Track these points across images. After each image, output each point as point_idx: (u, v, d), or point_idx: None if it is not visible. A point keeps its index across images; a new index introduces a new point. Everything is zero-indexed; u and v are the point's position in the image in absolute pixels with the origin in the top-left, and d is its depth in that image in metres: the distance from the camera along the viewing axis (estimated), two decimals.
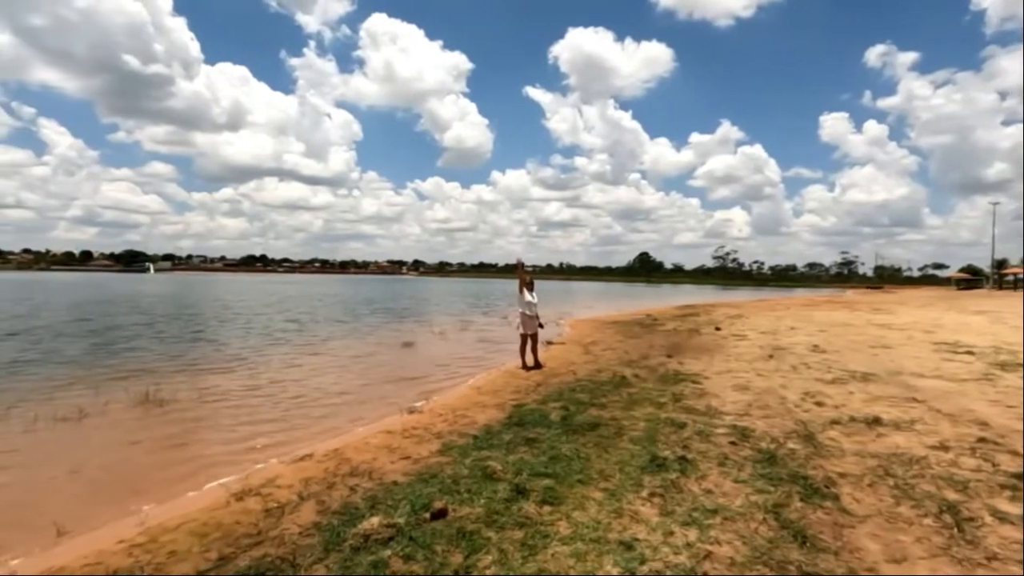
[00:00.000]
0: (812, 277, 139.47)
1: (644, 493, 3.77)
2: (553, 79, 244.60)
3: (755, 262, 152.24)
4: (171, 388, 7.78)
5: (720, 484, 3.94)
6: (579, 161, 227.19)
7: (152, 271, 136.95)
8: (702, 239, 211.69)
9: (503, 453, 4.69)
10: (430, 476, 4.20)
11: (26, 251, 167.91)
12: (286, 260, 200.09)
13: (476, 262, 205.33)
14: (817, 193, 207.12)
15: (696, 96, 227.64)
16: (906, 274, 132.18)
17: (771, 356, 10.44)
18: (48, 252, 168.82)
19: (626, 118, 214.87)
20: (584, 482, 4.01)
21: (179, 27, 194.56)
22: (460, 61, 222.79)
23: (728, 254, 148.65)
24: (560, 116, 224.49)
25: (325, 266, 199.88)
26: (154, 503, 4.04)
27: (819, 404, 6.49)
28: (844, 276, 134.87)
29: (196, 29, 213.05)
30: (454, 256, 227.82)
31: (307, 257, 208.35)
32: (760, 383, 7.80)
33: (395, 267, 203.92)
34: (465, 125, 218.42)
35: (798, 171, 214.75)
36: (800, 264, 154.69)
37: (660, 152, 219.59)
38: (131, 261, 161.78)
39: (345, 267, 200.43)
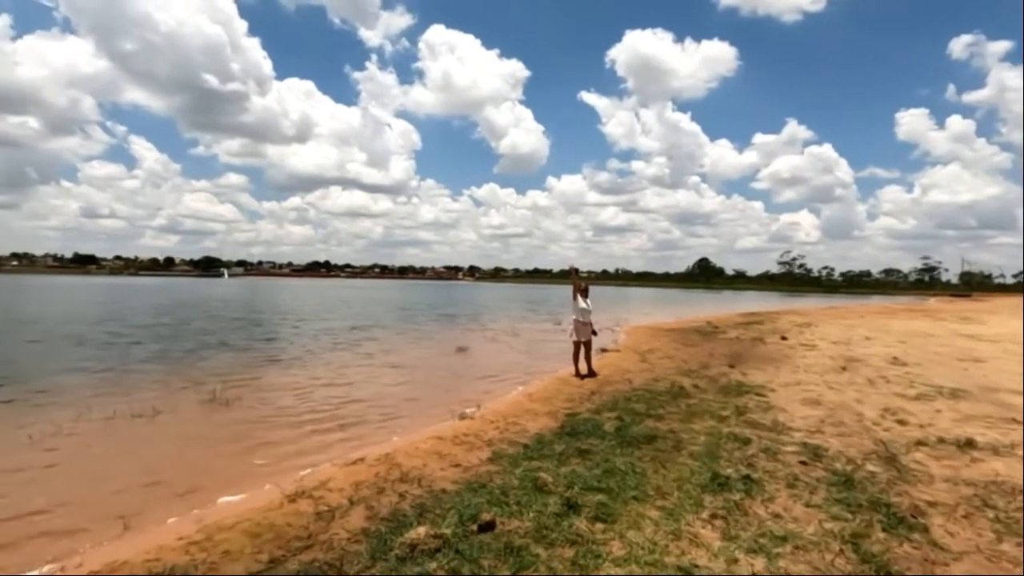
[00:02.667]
0: (888, 284, 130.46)
1: (705, 514, 3.52)
2: (609, 83, 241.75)
3: (824, 268, 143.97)
4: (238, 389, 8.11)
5: (790, 508, 3.64)
6: (636, 165, 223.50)
7: (227, 276, 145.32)
8: (766, 244, 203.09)
9: (554, 464, 4.55)
10: (479, 485, 4.11)
11: (117, 258, 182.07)
12: (348, 265, 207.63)
13: (531, 268, 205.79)
14: (894, 194, 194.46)
15: (760, 95, 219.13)
16: (997, 281, 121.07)
17: (844, 368, 9.75)
18: (136, 258, 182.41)
19: (685, 120, 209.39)
20: (639, 499, 3.80)
21: (253, 47, 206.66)
22: (516, 69, 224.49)
23: (795, 259, 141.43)
24: (616, 120, 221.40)
25: (384, 271, 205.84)
26: (213, 501, 4.16)
27: (901, 423, 5.95)
28: (925, 283, 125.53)
29: (268, 48, 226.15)
30: (509, 262, 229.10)
31: (368, 263, 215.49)
32: (833, 397, 7.27)
33: (451, 272, 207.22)
34: (521, 132, 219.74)
35: (873, 171, 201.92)
36: (875, 270, 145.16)
37: (721, 154, 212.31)
38: (208, 267, 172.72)
39: (403, 272, 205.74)
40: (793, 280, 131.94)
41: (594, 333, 9.46)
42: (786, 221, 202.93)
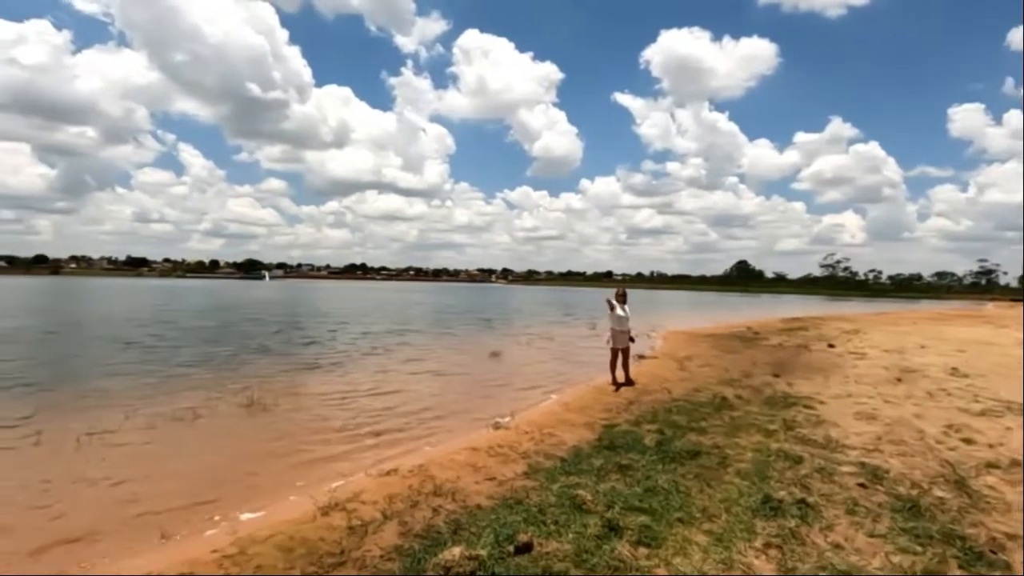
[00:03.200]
0: (941, 288, 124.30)
1: (758, 543, 3.29)
2: (644, 84, 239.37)
3: (871, 271, 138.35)
4: (275, 394, 8.15)
5: (851, 538, 3.36)
6: (671, 166, 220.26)
7: (268, 278, 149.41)
8: (808, 246, 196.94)
9: (593, 480, 4.36)
10: (515, 502, 3.97)
11: (167, 260, 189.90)
12: (383, 268, 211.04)
13: (564, 270, 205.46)
14: (947, 194, 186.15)
15: (802, 93, 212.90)
16: None
17: (899, 379, 9.20)
18: (183, 261, 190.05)
19: (723, 120, 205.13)
20: (685, 521, 3.59)
21: (294, 55, 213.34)
22: (550, 71, 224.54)
23: (839, 262, 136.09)
24: (651, 121, 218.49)
25: (419, 274, 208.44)
26: (249, 511, 4.14)
27: (967, 441, 5.52)
28: (982, 287, 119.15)
29: (307, 56, 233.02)
30: (541, 264, 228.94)
31: (403, 265, 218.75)
32: (889, 411, 6.84)
33: (485, 275, 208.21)
34: (554, 134, 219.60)
35: (924, 170, 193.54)
36: (926, 273, 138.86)
37: (760, 154, 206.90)
38: (250, 269, 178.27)
39: (438, 275, 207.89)
40: (837, 283, 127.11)
41: (632, 340, 9.21)
42: (829, 222, 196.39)
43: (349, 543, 3.43)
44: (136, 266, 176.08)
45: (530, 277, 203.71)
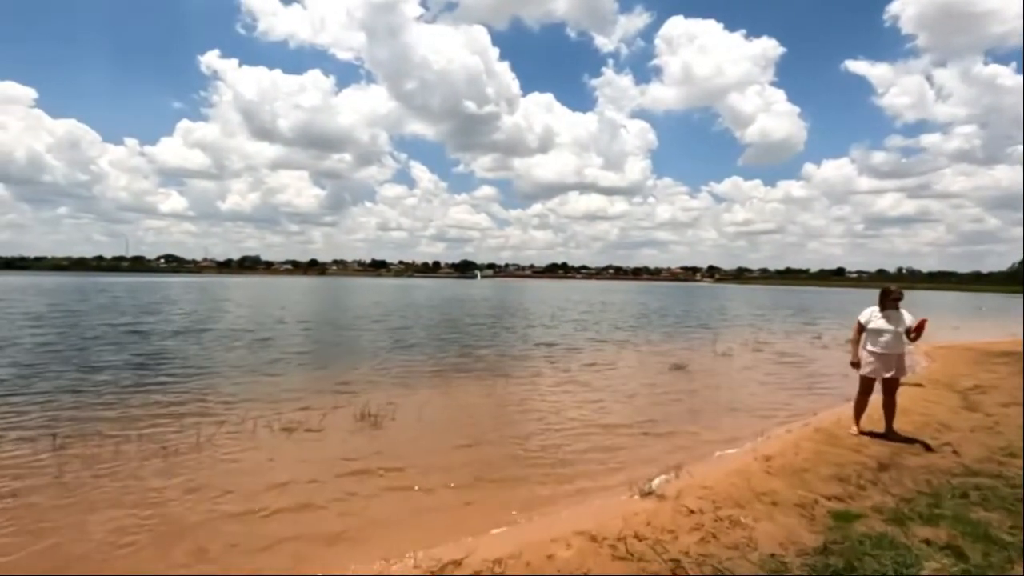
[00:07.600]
0: None
1: None
2: (888, 45, 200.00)
3: None
4: (405, 406, 7.18)
5: None
6: (928, 140, 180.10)
7: (479, 278, 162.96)
8: None
9: None
10: None
11: (401, 262, 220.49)
12: (584, 267, 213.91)
13: (782, 267, 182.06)
14: None
15: None
16: None
17: None
18: (413, 263, 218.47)
19: (1006, 74, 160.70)
20: None
21: (504, 70, 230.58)
22: (768, 47, 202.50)
23: None
24: (899, 88, 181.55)
25: (619, 273, 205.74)
26: None
27: None
28: None
29: (515, 68, 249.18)
30: (755, 261, 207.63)
31: (603, 264, 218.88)
32: None
33: (688, 273, 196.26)
34: (771, 116, 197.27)
35: None
36: None
37: None
38: (465, 269, 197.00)
39: (637, 274, 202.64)
40: None
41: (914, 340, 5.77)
42: None
43: None
44: (377, 268, 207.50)
45: (740, 275, 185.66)
